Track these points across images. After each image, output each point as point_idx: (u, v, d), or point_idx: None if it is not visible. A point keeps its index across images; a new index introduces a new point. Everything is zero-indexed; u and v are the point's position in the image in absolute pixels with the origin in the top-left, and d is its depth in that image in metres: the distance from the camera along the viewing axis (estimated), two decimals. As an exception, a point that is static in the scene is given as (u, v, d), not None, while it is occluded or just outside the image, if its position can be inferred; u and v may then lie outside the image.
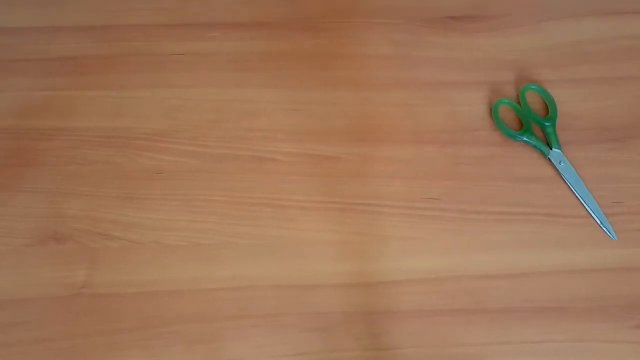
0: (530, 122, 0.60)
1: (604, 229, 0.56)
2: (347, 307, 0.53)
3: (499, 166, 0.59)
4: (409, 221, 0.56)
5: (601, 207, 0.57)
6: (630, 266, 0.55)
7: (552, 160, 0.58)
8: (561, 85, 0.62)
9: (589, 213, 0.57)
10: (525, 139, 0.59)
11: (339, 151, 0.59)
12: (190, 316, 0.53)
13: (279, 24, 0.65)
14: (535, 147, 0.59)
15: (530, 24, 0.66)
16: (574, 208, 0.57)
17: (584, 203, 0.57)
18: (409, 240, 0.56)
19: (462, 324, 0.53)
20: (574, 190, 0.57)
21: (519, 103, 0.62)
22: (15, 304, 0.53)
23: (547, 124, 0.60)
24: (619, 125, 0.61)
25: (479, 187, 0.57)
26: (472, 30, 0.65)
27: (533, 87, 0.62)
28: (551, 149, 0.59)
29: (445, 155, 0.59)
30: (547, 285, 0.54)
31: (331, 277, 0.54)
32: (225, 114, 0.61)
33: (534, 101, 0.62)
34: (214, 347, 0.52)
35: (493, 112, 0.61)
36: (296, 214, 0.56)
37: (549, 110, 0.61)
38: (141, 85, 0.62)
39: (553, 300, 0.53)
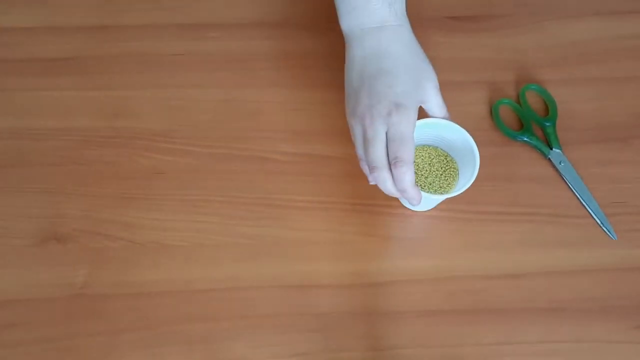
0: (531, 122, 0.60)
1: (604, 229, 0.56)
2: (347, 307, 0.53)
3: (499, 166, 0.58)
4: (409, 221, 0.56)
5: (601, 207, 0.57)
6: (631, 266, 0.55)
7: (552, 160, 0.58)
8: (561, 85, 0.62)
9: (589, 213, 0.56)
10: (525, 138, 0.59)
11: (338, 151, 0.59)
12: (190, 316, 0.53)
13: (279, 24, 0.65)
14: (535, 147, 0.59)
15: (530, 24, 0.66)
16: (574, 208, 0.57)
17: (584, 203, 0.57)
18: (409, 240, 0.56)
19: (462, 324, 0.52)
20: (574, 190, 0.57)
21: (519, 103, 0.61)
22: (15, 304, 0.53)
23: (547, 124, 0.60)
24: (619, 125, 0.61)
25: (479, 187, 0.57)
26: (472, 30, 0.65)
27: (533, 87, 0.62)
28: (551, 149, 0.59)
29: (445, 155, 0.59)
30: (547, 286, 0.54)
31: (331, 277, 0.54)
32: (225, 114, 0.61)
33: (534, 101, 0.62)
34: (214, 347, 0.52)
35: (493, 112, 0.61)
36: (296, 214, 0.56)
37: (549, 110, 0.61)
38: (141, 85, 0.62)
39: (553, 301, 0.53)
